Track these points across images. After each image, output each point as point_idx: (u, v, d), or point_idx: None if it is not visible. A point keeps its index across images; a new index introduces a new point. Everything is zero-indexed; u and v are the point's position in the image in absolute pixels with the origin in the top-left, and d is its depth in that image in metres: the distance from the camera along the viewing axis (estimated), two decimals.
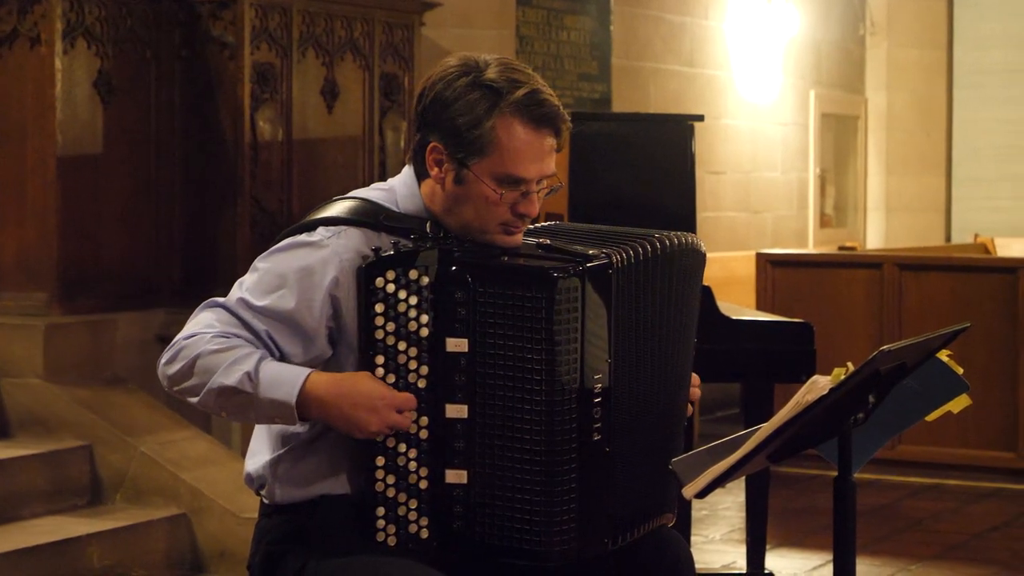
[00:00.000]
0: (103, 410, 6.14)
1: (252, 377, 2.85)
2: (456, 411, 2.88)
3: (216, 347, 2.87)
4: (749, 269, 8.92)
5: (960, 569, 6.28)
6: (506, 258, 2.92)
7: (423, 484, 2.89)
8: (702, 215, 9.46)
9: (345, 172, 7.30)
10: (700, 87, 10.51)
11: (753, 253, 8.92)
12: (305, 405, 2.86)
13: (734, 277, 9.61)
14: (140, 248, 6.76)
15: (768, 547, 5.72)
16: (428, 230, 2.93)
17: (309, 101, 7.14)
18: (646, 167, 5.46)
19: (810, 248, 11.67)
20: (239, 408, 2.90)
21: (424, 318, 2.87)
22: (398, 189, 3.02)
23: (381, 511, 2.89)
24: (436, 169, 2.95)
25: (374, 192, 3.03)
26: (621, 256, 2.91)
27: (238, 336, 2.89)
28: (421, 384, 2.88)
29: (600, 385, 2.90)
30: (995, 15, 12.40)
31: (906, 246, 11.32)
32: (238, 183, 6.80)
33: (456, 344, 2.86)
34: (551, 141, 2.94)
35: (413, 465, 2.89)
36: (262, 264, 2.96)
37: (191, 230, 6.87)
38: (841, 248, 11.40)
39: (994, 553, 6.55)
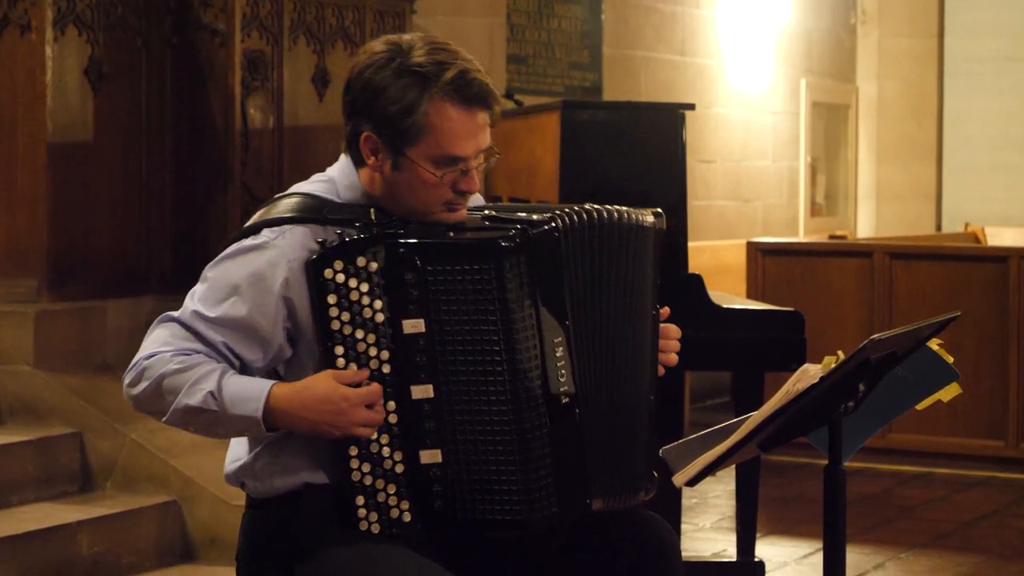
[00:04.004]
0: (93, 397, 6.13)
1: (216, 396, 2.84)
2: (422, 392, 2.87)
3: (177, 366, 2.86)
4: (739, 258, 8.92)
5: (949, 557, 6.29)
6: (452, 234, 2.91)
7: (399, 468, 2.89)
8: (693, 203, 9.46)
9: (336, 160, 7.27)
10: (691, 76, 10.50)
11: (743, 242, 8.92)
12: (272, 419, 2.86)
13: (724, 266, 9.61)
14: (130, 235, 6.75)
15: (758, 535, 5.72)
16: (373, 217, 2.93)
17: (300, 89, 7.12)
18: (637, 156, 5.46)
19: (800, 237, 11.67)
20: (207, 425, 2.89)
21: (378, 303, 2.87)
22: (338, 179, 3.03)
23: (361, 500, 2.89)
24: (372, 158, 2.95)
25: (315, 185, 3.04)
26: (567, 220, 2.91)
27: (197, 352, 2.88)
28: (384, 369, 2.88)
29: (561, 348, 2.90)
30: (987, 3, 12.40)
31: (897, 235, 11.32)
32: (229, 171, 6.79)
33: (413, 325, 2.86)
34: (484, 116, 2.92)
35: (387, 451, 2.89)
36: (211, 273, 2.95)
37: (181, 218, 6.85)
38: (832, 237, 11.38)
39: (983, 541, 6.57)
